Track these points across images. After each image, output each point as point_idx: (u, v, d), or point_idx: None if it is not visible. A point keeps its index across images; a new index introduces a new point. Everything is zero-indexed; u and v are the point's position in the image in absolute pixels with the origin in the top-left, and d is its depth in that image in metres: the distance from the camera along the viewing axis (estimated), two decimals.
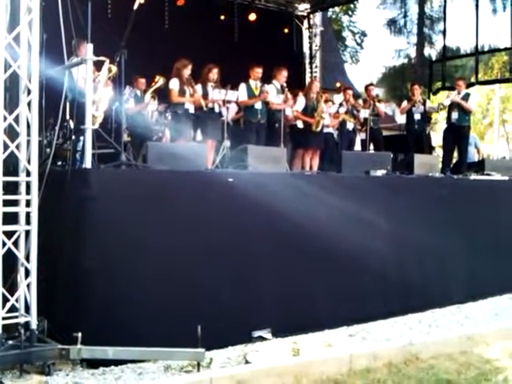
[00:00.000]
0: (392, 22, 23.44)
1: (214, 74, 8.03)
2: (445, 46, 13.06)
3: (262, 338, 5.24)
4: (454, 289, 6.69)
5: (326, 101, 9.42)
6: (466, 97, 9.51)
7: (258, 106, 8.34)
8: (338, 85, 11.91)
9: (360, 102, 10.28)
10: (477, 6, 11.88)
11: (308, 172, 7.93)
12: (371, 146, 9.81)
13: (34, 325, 4.27)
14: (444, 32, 12.78)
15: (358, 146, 10.33)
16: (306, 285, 5.63)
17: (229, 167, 6.60)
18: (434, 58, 19.18)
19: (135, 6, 6.52)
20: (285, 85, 8.63)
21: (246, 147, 6.29)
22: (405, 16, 22.97)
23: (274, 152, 6.70)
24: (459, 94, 9.43)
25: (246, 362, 4.68)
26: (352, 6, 22.95)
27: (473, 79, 12.34)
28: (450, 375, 4.71)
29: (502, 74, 19.87)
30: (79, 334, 4.20)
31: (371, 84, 11.36)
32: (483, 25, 11.82)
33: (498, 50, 16.10)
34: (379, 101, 9.97)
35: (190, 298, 4.89)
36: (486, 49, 16.68)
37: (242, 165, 6.06)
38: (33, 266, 4.29)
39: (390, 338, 5.47)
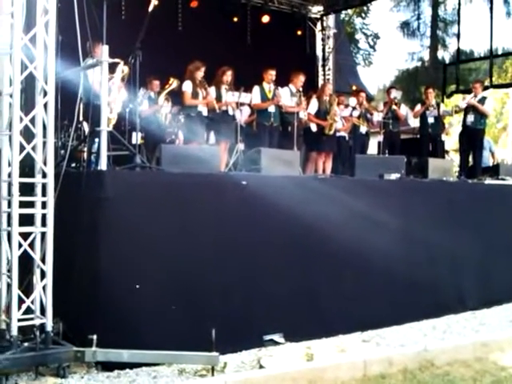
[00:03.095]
0: (405, 25, 23.27)
1: (228, 76, 8.03)
2: (459, 49, 13.01)
3: (274, 342, 5.21)
4: (469, 295, 6.63)
5: (339, 104, 9.39)
6: (483, 100, 9.46)
7: (272, 109, 8.32)
8: (354, 88, 11.86)
9: (378, 105, 10.23)
10: (491, 9, 11.84)
11: (321, 175, 7.90)
12: (387, 149, 9.74)
13: (49, 327, 4.28)
14: (458, 35, 12.73)
15: (374, 149, 10.27)
16: (320, 289, 5.60)
17: (242, 170, 6.58)
18: (447, 61, 19.04)
19: (150, 8, 6.52)
20: (300, 89, 8.60)
21: (260, 150, 6.27)
22: (418, 19, 22.80)
23: (288, 155, 6.67)
24: (475, 96, 9.37)
25: (260, 366, 4.66)
26: (365, 8, 22.84)
27: (487, 83, 12.25)
28: (465, 382, 4.67)
29: None
30: (94, 337, 4.20)
31: (392, 87, 11.30)
32: (497, 28, 11.77)
33: None
34: (396, 104, 9.88)
35: (204, 301, 4.88)
36: (500, 52, 16.56)
37: (255, 168, 6.03)
38: (48, 268, 4.30)
39: (405, 343, 5.43)
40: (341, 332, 5.53)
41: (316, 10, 12.75)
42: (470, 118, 9.31)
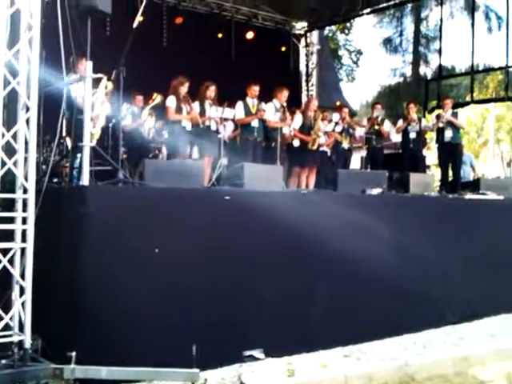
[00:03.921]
0: (388, 41, 23.61)
1: (212, 91, 8.09)
2: (440, 65, 13.16)
3: (254, 358, 5.20)
4: (449, 309, 6.67)
5: (323, 119, 9.48)
6: (455, 115, 9.76)
7: (255, 123, 8.39)
8: (337, 103, 12.02)
9: (362, 120, 10.35)
10: (472, 25, 12.02)
11: (304, 190, 7.95)
12: (370, 164, 9.84)
13: (27, 344, 4.24)
14: (439, 51, 12.88)
15: (357, 164, 10.37)
16: (300, 304, 5.61)
17: (225, 185, 6.60)
18: (429, 77, 19.30)
19: (135, 24, 6.57)
20: (284, 104, 8.68)
21: (243, 165, 6.29)
22: (400, 35, 23.15)
23: (271, 170, 6.70)
24: (447, 112, 9.60)
25: (241, 382, 4.65)
26: (348, 24, 23.17)
27: (468, 98, 12.45)
28: None
29: (497, 93, 20.01)
30: (73, 354, 4.18)
31: (377, 103, 11.44)
32: (478, 44, 11.96)
33: (493, 69, 16.25)
34: (379, 124, 9.97)
35: (184, 317, 4.87)
36: (481, 68, 16.79)
37: (238, 182, 6.06)
38: (28, 284, 4.27)
39: (385, 358, 5.44)
40: (322, 347, 5.54)
41: (300, 26, 12.91)
42: (449, 133, 9.53)
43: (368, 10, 12.50)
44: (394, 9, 17.33)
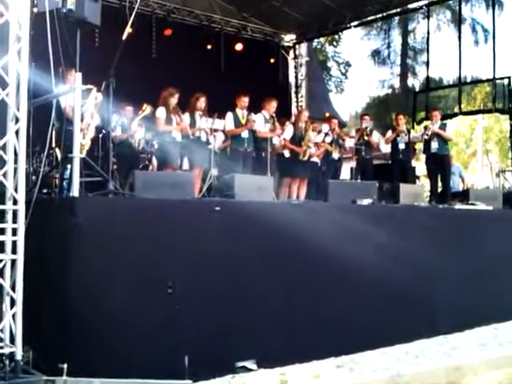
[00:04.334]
0: (376, 53, 23.87)
1: (202, 102, 8.10)
2: (428, 77, 13.27)
3: (246, 369, 5.17)
4: (442, 319, 6.67)
5: (313, 130, 9.52)
6: (443, 127, 9.77)
7: (245, 134, 8.40)
8: (326, 114, 12.09)
9: (350, 131, 10.40)
10: (459, 37, 12.15)
11: (295, 201, 7.95)
12: (360, 175, 9.87)
13: (19, 355, 4.20)
14: (427, 63, 12.99)
15: (346, 174, 10.41)
16: (293, 315, 5.59)
17: (216, 196, 6.59)
18: (417, 89, 19.50)
19: (124, 36, 6.57)
20: (274, 115, 8.70)
21: (233, 176, 6.29)
22: (388, 47, 23.42)
23: (261, 181, 6.70)
24: (435, 124, 9.64)
25: None
26: (337, 36, 23.38)
27: (456, 109, 12.53)
28: None
29: (485, 105, 20.20)
30: (65, 365, 4.14)
31: (366, 114, 11.49)
32: (466, 56, 12.10)
33: (481, 81, 16.39)
34: (368, 134, 10.02)
35: (177, 327, 4.83)
36: (468, 80, 16.98)
37: (229, 193, 6.05)
38: (18, 296, 4.24)
39: (378, 369, 5.42)
40: (314, 358, 5.52)
41: (289, 38, 13.00)
42: (435, 144, 9.58)
43: (356, 23, 12.61)
44: (381, 21, 17.55)
